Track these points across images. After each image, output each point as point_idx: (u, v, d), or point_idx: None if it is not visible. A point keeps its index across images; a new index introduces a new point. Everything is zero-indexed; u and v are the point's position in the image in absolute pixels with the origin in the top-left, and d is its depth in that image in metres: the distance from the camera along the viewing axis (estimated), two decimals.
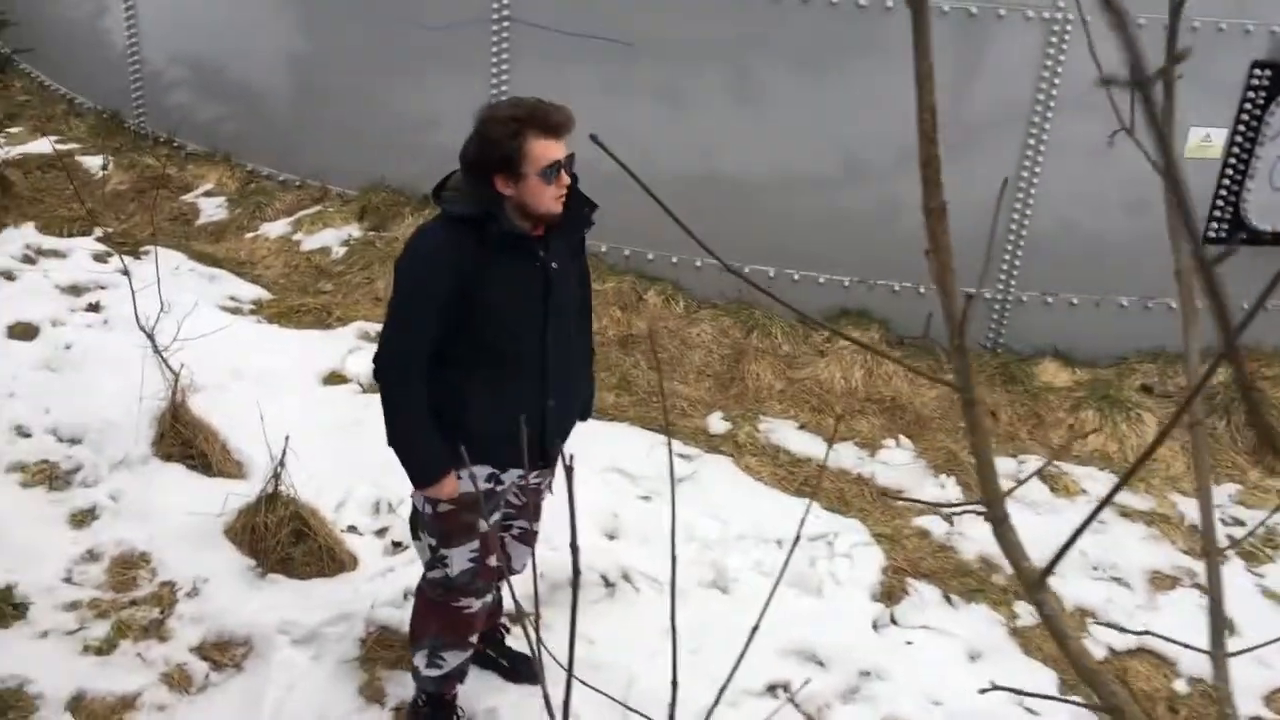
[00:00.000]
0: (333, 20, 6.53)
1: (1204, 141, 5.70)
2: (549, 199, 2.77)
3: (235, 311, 5.39)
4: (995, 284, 5.88)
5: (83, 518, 4.05)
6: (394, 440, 2.86)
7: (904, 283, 5.90)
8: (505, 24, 5.95)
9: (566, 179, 2.80)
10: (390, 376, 2.81)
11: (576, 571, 1.47)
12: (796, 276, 6.00)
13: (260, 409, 4.05)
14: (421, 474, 2.87)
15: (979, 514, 1.12)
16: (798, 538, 1.34)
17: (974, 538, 4.32)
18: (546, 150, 2.73)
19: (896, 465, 4.79)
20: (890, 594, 3.96)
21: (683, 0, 5.67)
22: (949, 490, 4.60)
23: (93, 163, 6.95)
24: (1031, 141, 5.60)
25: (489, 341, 2.83)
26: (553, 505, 3.32)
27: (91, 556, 3.89)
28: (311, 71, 6.72)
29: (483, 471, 2.94)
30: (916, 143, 1.08)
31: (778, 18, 5.58)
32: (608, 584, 3.85)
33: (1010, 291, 5.88)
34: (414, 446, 2.85)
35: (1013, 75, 5.55)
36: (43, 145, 6.65)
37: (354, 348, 5.18)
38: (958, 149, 5.78)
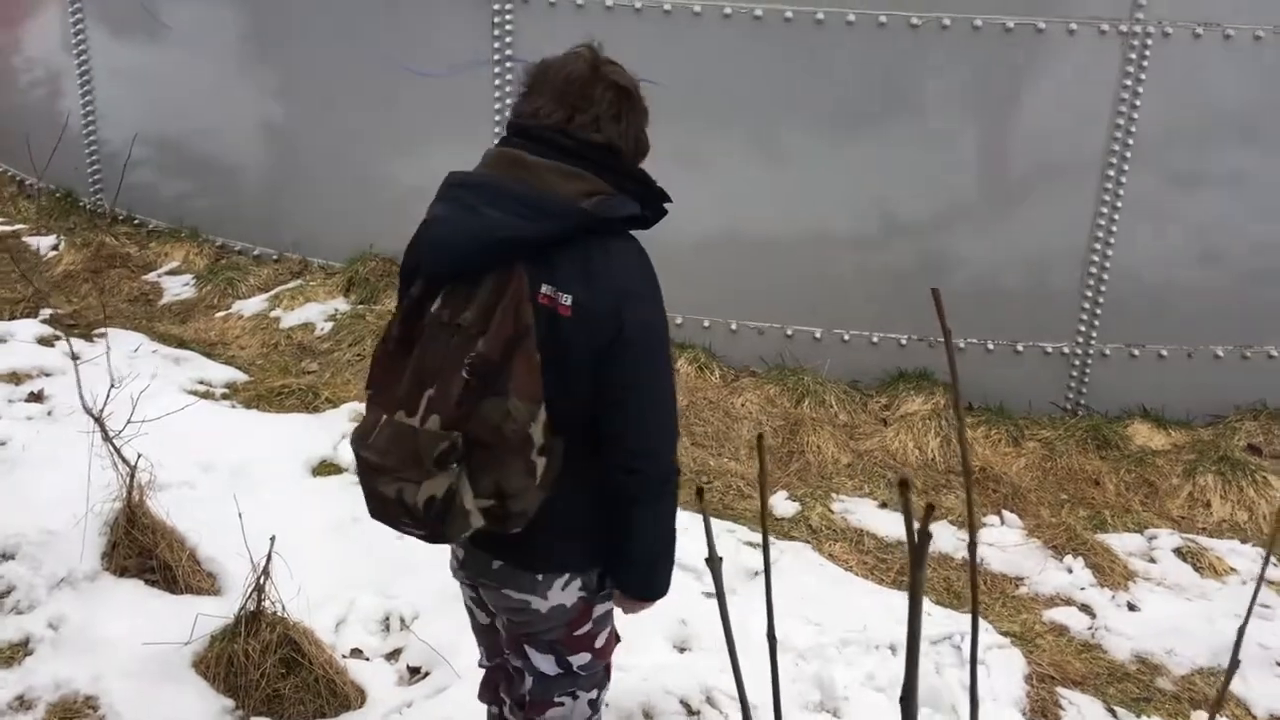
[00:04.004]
0: (309, 80, 5.85)
1: None
2: None
3: (205, 395, 4.58)
4: (1074, 337, 5.19)
5: (13, 653, 3.18)
6: (659, 551, 2.11)
7: (969, 339, 5.19)
8: (509, 65, 5.30)
9: None
10: (676, 472, 2.06)
11: None
12: (846, 337, 5.29)
13: (238, 507, 3.24)
14: (668, 583, 2.18)
15: None
16: None
17: (1123, 632, 3.52)
18: None
19: (1008, 547, 4.00)
20: (1042, 709, 3.14)
21: (707, 40, 5.04)
22: (1079, 574, 3.81)
23: (43, 243, 6.19)
24: (1111, 174, 4.97)
25: None
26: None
27: (22, 704, 3.01)
28: (287, 137, 6.04)
29: None
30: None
31: (815, 49, 4.96)
32: (690, 711, 3.01)
33: (1091, 345, 5.19)
34: (673, 554, 2.15)
35: (1088, 102, 4.93)
36: None
37: (346, 432, 4.37)
38: (1023, 189, 5.15)
